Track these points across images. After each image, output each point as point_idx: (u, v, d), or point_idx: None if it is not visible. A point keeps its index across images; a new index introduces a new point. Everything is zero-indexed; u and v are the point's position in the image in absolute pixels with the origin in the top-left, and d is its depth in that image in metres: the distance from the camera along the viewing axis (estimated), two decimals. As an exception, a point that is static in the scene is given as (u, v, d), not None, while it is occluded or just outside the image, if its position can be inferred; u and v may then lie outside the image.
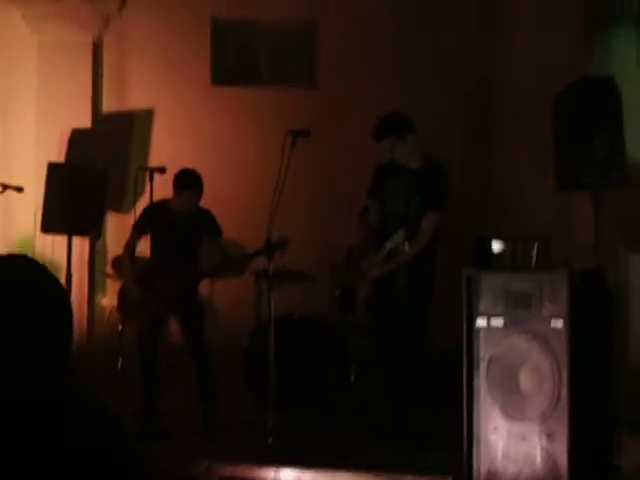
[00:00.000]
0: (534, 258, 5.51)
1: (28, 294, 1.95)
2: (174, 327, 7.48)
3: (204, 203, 7.27)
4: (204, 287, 7.85)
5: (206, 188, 7.23)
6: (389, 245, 6.24)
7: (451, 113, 8.79)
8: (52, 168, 8.09)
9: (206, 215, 7.22)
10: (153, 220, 7.16)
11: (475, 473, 5.21)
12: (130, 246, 7.24)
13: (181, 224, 7.07)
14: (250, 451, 6.07)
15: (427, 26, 9.08)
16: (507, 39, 8.87)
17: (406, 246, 6.14)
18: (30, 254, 2.05)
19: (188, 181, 7.06)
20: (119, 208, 8.64)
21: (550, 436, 5.02)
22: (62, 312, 1.99)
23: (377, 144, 6.45)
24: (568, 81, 6.81)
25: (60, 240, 7.84)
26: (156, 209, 7.21)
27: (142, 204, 7.47)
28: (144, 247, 7.41)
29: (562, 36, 8.22)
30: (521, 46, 8.70)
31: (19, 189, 7.74)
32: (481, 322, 5.26)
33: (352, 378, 7.42)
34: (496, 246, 5.62)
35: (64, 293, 2.00)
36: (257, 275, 7.58)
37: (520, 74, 8.61)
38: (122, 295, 7.34)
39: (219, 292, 8.39)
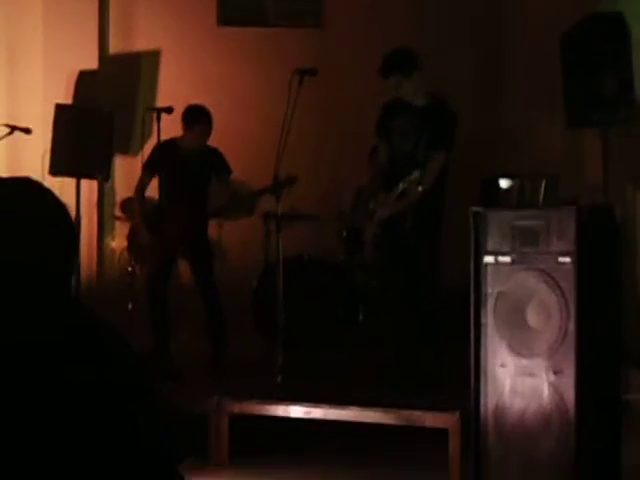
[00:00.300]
0: (542, 195, 5.48)
1: (28, 216, 1.94)
2: (183, 268, 7.52)
3: (211, 142, 7.27)
4: (212, 228, 7.86)
5: (213, 128, 7.22)
6: (402, 186, 6.22)
7: (460, 52, 8.73)
8: (59, 110, 8.07)
9: (215, 153, 7.22)
10: (162, 159, 7.16)
11: (482, 408, 5.25)
12: (141, 187, 7.26)
13: (190, 162, 7.07)
14: (259, 388, 6.13)
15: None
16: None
17: (419, 187, 6.13)
18: None
19: (198, 116, 7.06)
20: (127, 150, 8.63)
21: (557, 371, 5.04)
22: (63, 230, 1.98)
23: (384, 81, 6.41)
24: (577, 18, 6.75)
25: (68, 183, 7.84)
26: (165, 148, 7.20)
27: (150, 145, 7.46)
28: (153, 188, 7.42)
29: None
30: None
31: (27, 130, 7.73)
32: (488, 259, 5.27)
33: (360, 317, 7.47)
34: (503, 184, 5.59)
35: (67, 216, 1.99)
36: (265, 216, 7.59)
37: (528, 11, 8.53)
38: (132, 237, 7.37)
39: (228, 233, 8.41)
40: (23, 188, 1.98)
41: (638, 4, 7.37)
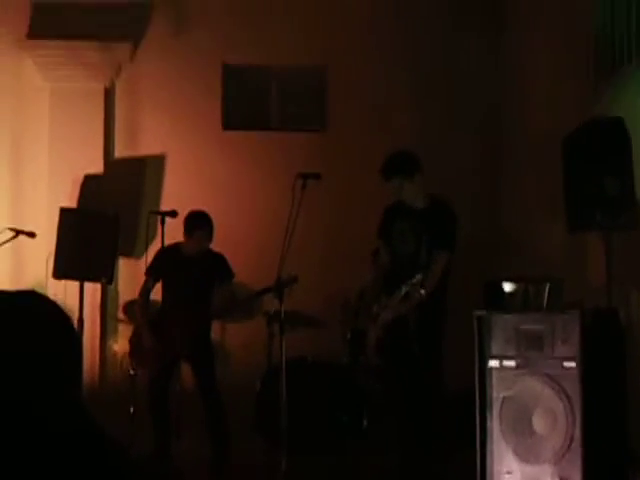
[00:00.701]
0: (546, 299, 5.50)
1: (34, 325, 1.96)
2: (185, 371, 7.48)
3: (216, 245, 7.30)
4: (216, 330, 7.85)
5: (217, 231, 7.26)
6: (405, 289, 6.20)
7: (461, 155, 8.83)
8: (64, 213, 8.13)
9: (218, 258, 7.25)
10: (165, 264, 7.19)
11: (489, 516, 5.18)
12: (145, 292, 7.28)
13: (193, 267, 7.09)
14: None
15: (437, 69, 9.15)
16: (516, 82, 8.93)
17: (422, 291, 6.10)
18: None
19: (198, 222, 7.11)
20: (131, 253, 8.67)
21: (564, 478, 4.99)
22: (68, 343, 1.99)
23: (385, 183, 6.46)
24: (577, 123, 6.83)
25: (72, 285, 7.85)
26: (168, 253, 7.24)
27: (154, 249, 7.49)
28: (156, 291, 7.43)
29: (570, 79, 8.26)
30: (530, 88, 8.74)
31: (31, 234, 7.77)
32: (493, 363, 5.25)
33: (365, 422, 7.39)
34: (507, 287, 5.61)
35: (71, 329, 2.02)
36: (268, 318, 7.57)
37: (529, 116, 8.64)
38: (134, 340, 7.35)
39: (231, 335, 8.39)
40: (28, 300, 2.00)
41: (637, 108, 7.47)
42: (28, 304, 2.00)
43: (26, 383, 1.93)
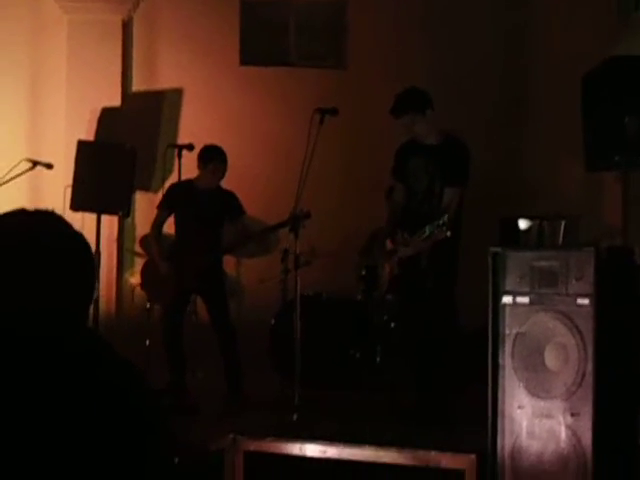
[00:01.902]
0: (561, 237, 5.48)
1: (46, 245, 1.97)
2: (201, 304, 7.53)
3: (231, 181, 7.30)
4: (231, 266, 7.88)
5: (233, 167, 7.26)
6: (429, 229, 6.15)
7: (482, 93, 8.77)
8: (82, 146, 8.14)
9: (229, 196, 7.27)
10: (178, 199, 7.21)
11: (499, 450, 5.22)
12: (157, 225, 7.31)
13: (204, 202, 7.12)
14: (275, 426, 6.10)
15: (459, 5, 9.05)
16: (539, 20, 8.83)
17: (448, 233, 6.06)
18: None
19: (212, 155, 7.12)
20: (148, 187, 8.68)
21: (574, 414, 5.01)
22: (80, 266, 2.01)
23: (395, 123, 6.43)
24: (597, 61, 6.77)
25: (89, 218, 7.88)
26: (180, 188, 7.26)
27: (171, 182, 7.51)
28: (170, 225, 7.45)
29: (592, 18, 8.18)
30: (552, 27, 8.66)
31: (49, 166, 7.79)
32: (507, 299, 5.26)
33: (378, 358, 7.43)
34: (523, 224, 5.59)
35: (85, 247, 2.03)
36: (283, 253, 7.59)
37: (551, 54, 8.57)
38: (146, 272, 7.40)
39: (246, 271, 8.43)
40: (45, 219, 2.01)
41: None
42: (46, 222, 2.01)
43: (42, 300, 1.94)
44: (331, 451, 5.67)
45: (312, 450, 5.70)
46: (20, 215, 2.02)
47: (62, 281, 1.96)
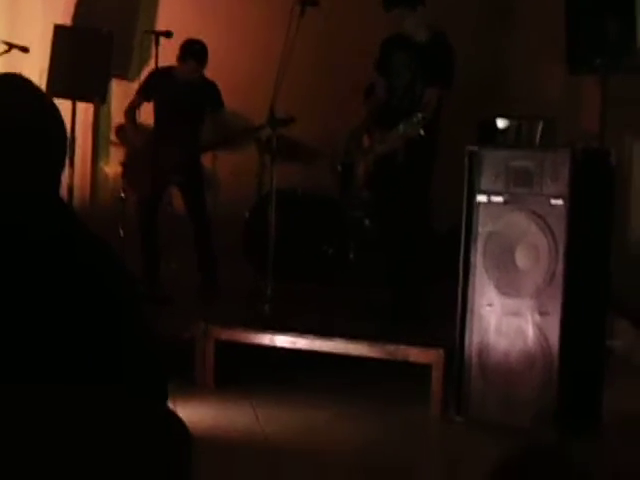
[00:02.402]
0: (538, 137, 5.48)
1: (14, 104, 1.93)
2: (175, 195, 7.51)
3: (209, 72, 7.22)
4: (207, 159, 7.83)
5: (211, 57, 7.16)
6: (403, 128, 6.13)
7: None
8: (58, 30, 8.00)
9: (211, 86, 7.18)
10: (157, 86, 7.12)
11: (467, 346, 5.30)
12: (130, 108, 7.22)
13: (185, 93, 7.03)
14: (247, 317, 6.16)
15: None
16: None
17: (421, 131, 6.05)
18: None
19: (193, 51, 7.01)
20: (125, 74, 8.55)
21: (543, 312, 5.08)
22: (51, 124, 1.97)
23: (386, 14, 6.34)
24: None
25: (65, 105, 7.77)
26: (161, 75, 7.15)
27: (147, 70, 7.40)
28: (148, 115, 7.38)
29: None
30: None
31: (24, 49, 7.65)
32: (481, 198, 5.28)
33: (351, 254, 7.46)
34: (501, 124, 5.58)
35: (54, 110, 1.98)
36: (260, 145, 7.54)
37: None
38: (126, 161, 7.36)
39: (222, 164, 8.37)
40: (13, 79, 1.97)
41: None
42: (17, 82, 1.97)
43: (9, 176, 1.91)
44: (301, 342, 5.74)
45: (282, 341, 5.77)
46: None
47: (31, 150, 1.92)
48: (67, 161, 2.20)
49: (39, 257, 1.87)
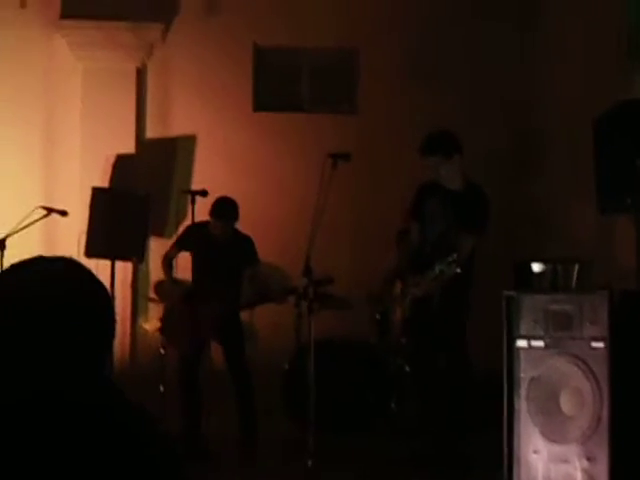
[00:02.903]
0: (575, 280, 5.48)
1: (67, 294, 1.95)
2: (216, 350, 7.51)
3: (245, 227, 7.32)
4: (245, 311, 7.87)
5: (246, 212, 7.28)
6: (439, 267, 6.16)
7: (493, 137, 8.80)
8: (96, 193, 8.19)
9: (246, 240, 7.26)
10: (194, 239, 7.20)
11: (516, 495, 5.18)
12: (167, 258, 7.30)
13: (220, 247, 7.12)
14: (290, 473, 6.07)
15: (468, 54, 9.11)
16: (549, 63, 8.88)
17: (457, 269, 6.08)
18: None
19: (223, 211, 7.10)
20: (162, 233, 8.71)
21: (591, 458, 4.98)
22: (101, 315, 1.99)
23: (421, 162, 6.43)
24: (609, 105, 6.79)
25: (103, 265, 7.90)
26: (198, 229, 7.25)
27: (184, 225, 7.53)
28: (186, 270, 7.46)
29: (603, 61, 8.21)
30: (563, 72, 8.70)
31: (63, 213, 7.81)
32: (521, 343, 5.24)
33: (393, 403, 7.39)
34: (536, 268, 5.59)
35: (106, 296, 2.01)
36: (297, 297, 7.58)
37: (562, 98, 8.60)
38: (165, 317, 7.39)
39: (260, 315, 8.41)
40: (63, 266, 2.01)
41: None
42: (66, 268, 2.00)
43: (59, 352, 1.93)
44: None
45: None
46: (40, 263, 1.99)
47: (81, 330, 1.94)
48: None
49: (81, 431, 1.88)
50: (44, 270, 1.98)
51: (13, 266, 1.99)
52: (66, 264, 2.01)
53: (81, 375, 1.94)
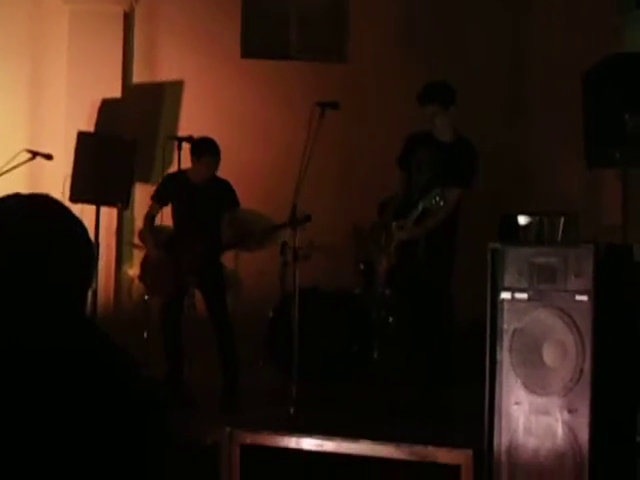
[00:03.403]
0: (560, 233, 5.49)
1: (43, 229, 1.93)
2: (199, 297, 7.52)
3: (230, 174, 7.29)
4: (229, 258, 7.87)
5: (232, 160, 7.25)
6: (422, 204, 6.18)
7: (483, 90, 8.76)
8: (81, 137, 8.13)
9: (224, 186, 7.23)
10: (172, 190, 7.19)
11: (496, 446, 5.21)
12: (149, 216, 7.29)
13: (200, 194, 7.09)
14: (272, 420, 6.10)
15: (460, 5, 9.04)
16: (539, 19, 8.83)
17: (441, 202, 6.08)
18: None
19: (205, 148, 7.09)
20: (147, 179, 8.67)
21: (572, 410, 5.01)
22: (80, 251, 1.97)
23: (416, 110, 6.41)
24: (598, 58, 6.76)
25: (88, 209, 7.86)
26: (175, 179, 7.23)
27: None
28: (168, 218, 7.44)
29: (593, 14, 8.18)
30: (553, 25, 8.65)
31: (48, 157, 7.77)
32: (505, 295, 5.25)
33: (375, 353, 7.43)
34: (522, 220, 5.60)
35: (84, 233, 1.98)
36: (282, 247, 7.58)
37: (552, 52, 8.56)
38: (145, 264, 7.38)
39: (244, 263, 8.42)
40: (41, 203, 1.98)
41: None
42: (43, 205, 1.98)
43: (38, 289, 1.92)
44: (328, 445, 5.67)
45: (309, 444, 5.70)
46: (15, 199, 1.97)
47: (60, 269, 1.93)
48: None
49: (66, 375, 1.88)
50: (21, 206, 1.95)
51: None
52: (43, 201, 1.98)
53: (64, 315, 1.93)
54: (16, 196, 1.98)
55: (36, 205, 1.97)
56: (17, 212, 1.94)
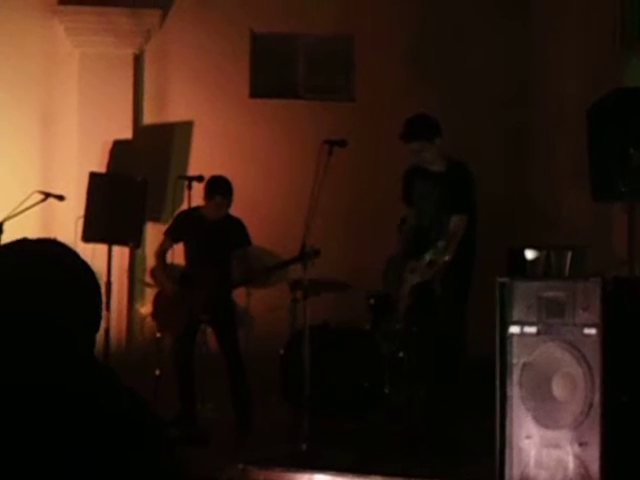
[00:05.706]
0: (568, 267, 5.53)
1: (52, 275, 1.93)
2: (211, 335, 7.56)
3: (241, 213, 7.36)
4: (240, 295, 7.92)
5: (242, 198, 7.32)
6: (428, 256, 6.24)
7: (487, 124, 8.83)
8: (93, 178, 8.22)
9: (237, 224, 7.31)
10: (185, 227, 7.26)
11: (508, 480, 5.24)
12: (161, 251, 7.35)
13: (212, 231, 7.17)
14: (284, 456, 6.12)
15: (464, 38, 9.13)
16: (543, 52, 8.91)
17: (446, 257, 6.15)
18: None
19: (218, 187, 7.17)
20: (158, 218, 8.75)
21: (582, 443, 5.03)
22: (88, 294, 1.98)
23: (405, 146, 6.49)
24: (603, 93, 6.83)
25: (100, 249, 7.94)
26: (188, 216, 7.31)
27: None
28: (178, 256, 7.50)
29: (597, 49, 8.25)
30: (556, 59, 8.73)
31: (60, 197, 7.86)
32: (514, 329, 5.29)
33: (386, 388, 7.44)
34: (530, 254, 5.64)
35: (92, 275, 1.99)
36: (292, 284, 7.64)
37: (556, 86, 8.63)
38: (157, 302, 7.44)
39: (255, 300, 8.46)
40: (48, 248, 1.98)
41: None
42: (51, 250, 1.97)
43: (45, 334, 1.91)
44: (340, 481, 5.69)
45: (321, 480, 5.73)
46: (22, 244, 1.97)
47: (68, 313, 1.93)
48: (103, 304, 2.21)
49: (73, 419, 1.88)
50: (29, 252, 1.96)
51: None
52: (51, 245, 1.99)
53: (71, 358, 1.93)
54: (24, 241, 1.98)
55: (44, 251, 1.97)
56: (25, 258, 1.94)
